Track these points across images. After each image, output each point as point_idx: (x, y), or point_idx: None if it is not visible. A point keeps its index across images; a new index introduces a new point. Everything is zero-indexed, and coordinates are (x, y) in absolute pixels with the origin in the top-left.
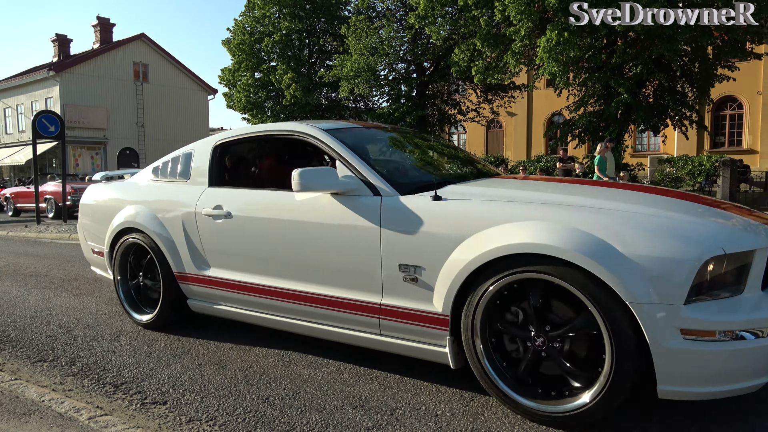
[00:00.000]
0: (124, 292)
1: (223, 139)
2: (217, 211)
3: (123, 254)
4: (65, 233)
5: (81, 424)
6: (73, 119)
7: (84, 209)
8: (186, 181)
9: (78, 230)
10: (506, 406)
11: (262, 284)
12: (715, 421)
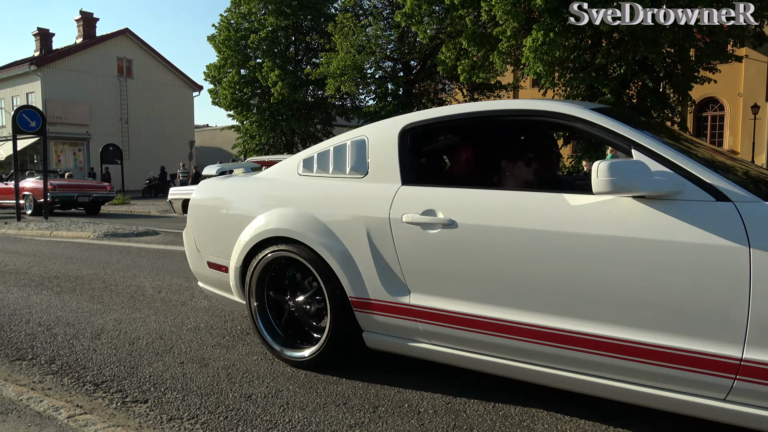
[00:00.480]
0: (265, 321)
1: (414, 122)
2: (429, 218)
3: (264, 271)
4: (46, 230)
5: (60, 423)
6: (55, 115)
7: (198, 212)
8: (361, 176)
9: (184, 237)
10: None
11: (509, 320)
12: None
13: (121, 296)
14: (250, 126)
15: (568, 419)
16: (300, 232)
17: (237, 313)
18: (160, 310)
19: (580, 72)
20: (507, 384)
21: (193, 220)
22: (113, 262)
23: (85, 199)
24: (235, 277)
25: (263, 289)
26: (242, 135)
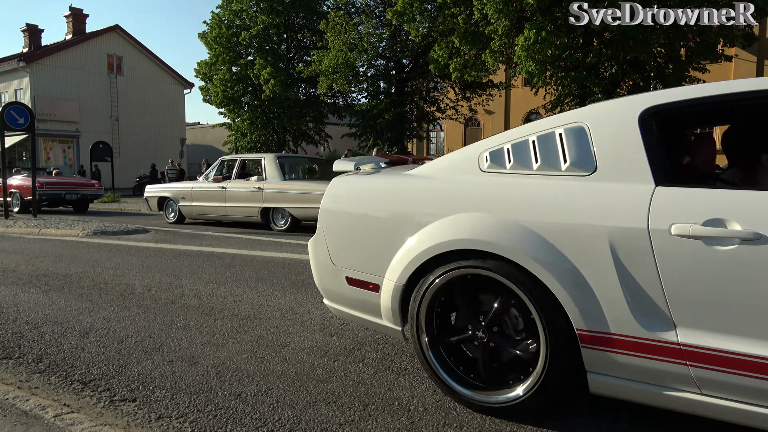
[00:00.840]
0: (437, 356)
1: (660, 104)
2: (717, 230)
3: (437, 294)
4: (34, 228)
5: (46, 422)
6: (44, 112)
7: (334, 216)
8: (587, 174)
9: (311, 246)
10: None
11: None
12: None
13: (110, 294)
14: (241, 123)
15: (556, 415)
16: (503, 245)
17: (227, 310)
18: (150, 309)
19: (572, 71)
20: None
21: (328, 225)
22: (102, 260)
23: (73, 197)
24: (392, 298)
25: (434, 314)
26: (234, 132)
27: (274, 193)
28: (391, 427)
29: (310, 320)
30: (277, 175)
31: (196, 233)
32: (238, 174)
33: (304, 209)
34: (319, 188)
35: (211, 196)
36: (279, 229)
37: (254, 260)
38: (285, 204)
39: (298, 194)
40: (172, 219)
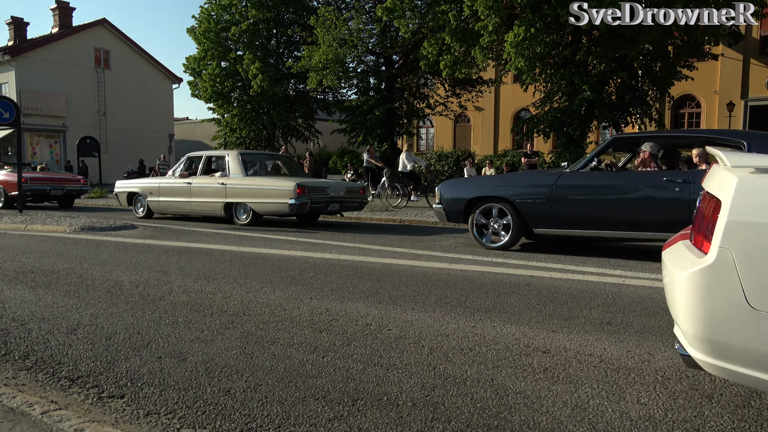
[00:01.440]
0: None
1: None
2: None
3: None
4: (21, 224)
5: (33, 418)
6: (30, 106)
7: (761, 234)
8: None
9: (699, 277)
10: None
11: None
12: None
13: (97, 291)
14: (230, 119)
15: (544, 411)
16: None
17: (216, 307)
18: (138, 305)
19: (561, 68)
20: (485, 378)
21: (744, 247)
22: (90, 256)
23: (58, 193)
24: None
25: None
26: (223, 128)
27: (237, 189)
28: (379, 422)
29: (299, 316)
30: (239, 171)
31: (184, 229)
32: (204, 170)
33: (264, 204)
34: (279, 184)
35: (177, 191)
36: (241, 223)
37: (243, 256)
38: (246, 199)
39: (259, 190)
40: (141, 214)
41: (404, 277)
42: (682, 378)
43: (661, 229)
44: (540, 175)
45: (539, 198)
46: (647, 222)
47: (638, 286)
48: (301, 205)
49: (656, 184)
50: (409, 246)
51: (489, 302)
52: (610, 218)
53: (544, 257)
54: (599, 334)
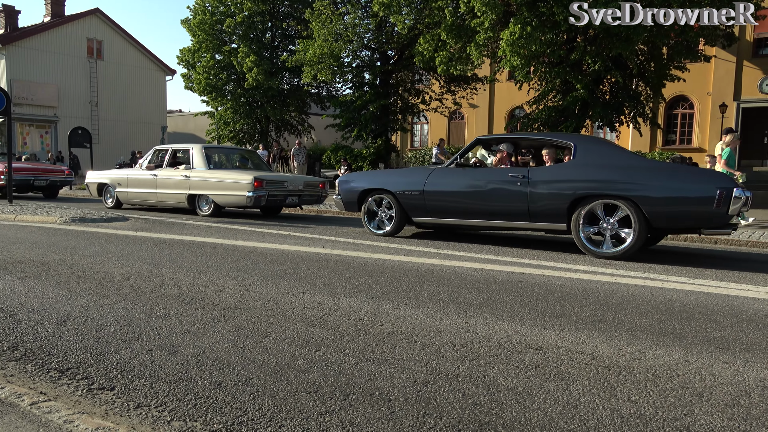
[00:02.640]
0: None
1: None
2: None
3: None
4: (10, 214)
5: (22, 409)
6: (21, 95)
7: None
8: None
9: None
10: None
11: None
12: None
13: (88, 282)
14: (224, 112)
15: (536, 407)
16: None
17: (208, 300)
18: (129, 297)
19: (555, 67)
20: (477, 374)
21: None
22: (80, 247)
23: (42, 183)
24: None
25: None
26: (216, 121)
27: (199, 181)
28: (371, 417)
29: (292, 310)
30: (202, 165)
31: (176, 222)
32: (170, 163)
33: (224, 196)
34: (238, 177)
35: (144, 182)
36: (203, 214)
37: (235, 250)
38: (208, 191)
39: (219, 182)
40: (110, 204)
41: (397, 272)
42: (673, 376)
43: (507, 218)
44: (417, 171)
45: (415, 191)
46: (497, 212)
47: (630, 285)
48: (258, 198)
49: (502, 179)
50: (402, 242)
51: (481, 299)
52: (468, 208)
53: (536, 255)
54: (591, 332)
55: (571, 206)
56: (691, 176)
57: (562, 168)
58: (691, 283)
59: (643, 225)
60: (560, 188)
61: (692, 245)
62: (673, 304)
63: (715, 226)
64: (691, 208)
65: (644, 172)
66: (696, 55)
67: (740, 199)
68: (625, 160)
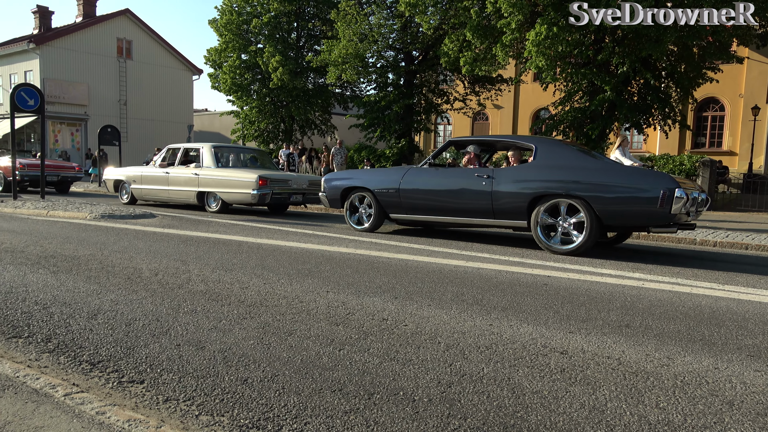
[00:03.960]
0: None
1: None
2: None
3: None
4: (43, 209)
5: (56, 400)
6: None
7: None
8: None
9: None
10: None
11: None
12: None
13: (117, 277)
14: (249, 111)
15: (561, 411)
16: None
17: (234, 297)
18: (157, 293)
19: (582, 68)
20: (501, 376)
21: None
22: (110, 243)
23: (54, 179)
24: None
25: None
26: (241, 120)
27: (208, 179)
28: (396, 417)
29: (316, 309)
30: (211, 163)
31: (202, 219)
32: (181, 161)
33: (231, 194)
34: (243, 176)
35: (157, 180)
36: (212, 211)
37: (261, 248)
38: (216, 189)
39: (226, 180)
40: (125, 200)
41: (420, 273)
42: (702, 383)
43: (474, 216)
44: (394, 171)
45: (391, 189)
46: (464, 209)
47: (657, 290)
48: (263, 196)
49: (469, 178)
50: (425, 243)
51: (506, 301)
52: (439, 206)
53: (561, 258)
54: (617, 337)
55: (531, 205)
56: (638, 177)
57: (523, 169)
58: (720, 289)
59: (594, 223)
60: (521, 188)
61: (722, 251)
62: (702, 310)
63: (659, 225)
64: (638, 207)
65: (597, 173)
66: (729, 56)
67: (681, 199)
68: (581, 162)
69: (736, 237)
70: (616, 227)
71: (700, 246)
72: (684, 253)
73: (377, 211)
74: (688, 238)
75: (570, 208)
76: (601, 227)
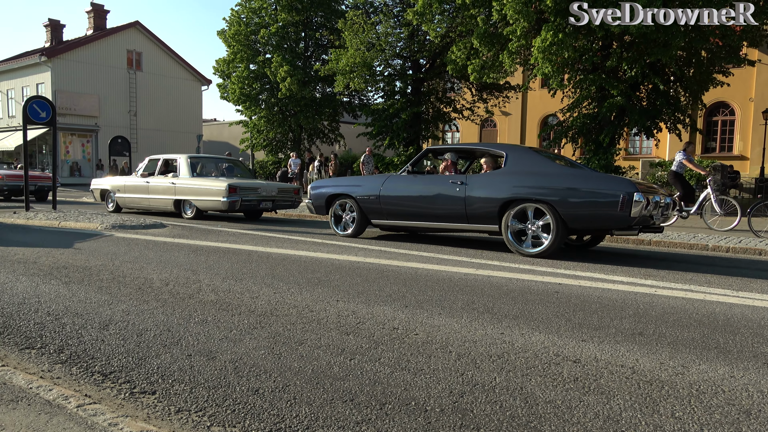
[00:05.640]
0: None
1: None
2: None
3: None
4: (54, 220)
5: (69, 411)
6: (65, 106)
7: None
8: None
9: None
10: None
11: None
12: None
13: (128, 288)
14: (258, 121)
15: (575, 421)
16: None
17: (244, 306)
18: (168, 303)
19: (590, 73)
20: (514, 385)
21: None
22: (120, 253)
23: (31, 188)
24: None
25: None
26: (250, 129)
27: (183, 187)
28: (408, 427)
29: (327, 318)
30: (187, 172)
31: (212, 229)
32: (161, 171)
33: (204, 201)
34: (215, 184)
35: (138, 189)
36: (187, 218)
37: (270, 257)
38: (191, 197)
39: (200, 188)
40: (111, 208)
41: (430, 281)
42: (718, 392)
43: (450, 221)
44: (375, 178)
45: (372, 196)
46: (440, 214)
47: (670, 297)
48: (233, 203)
49: (444, 185)
50: (435, 251)
51: (517, 309)
52: (417, 211)
53: (572, 265)
54: (631, 345)
55: (501, 209)
56: (599, 182)
57: (494, 175)
58: (734, 296)
59: (560, 226)
60: (491, 193)
61: (735, 256)
62: (716, 318)
63: (621, 228)
64: (599, 210)
65: (562, 179)
66: (739, 59)
67: (640, 203)
68: (548, 168)
69: (749, 242)
70: (581, 230)
71: (713, 252)
72: (696, 259)
73: (359, 217)
74: (701, 244)
75: (537, 212)
76: (566, 230)
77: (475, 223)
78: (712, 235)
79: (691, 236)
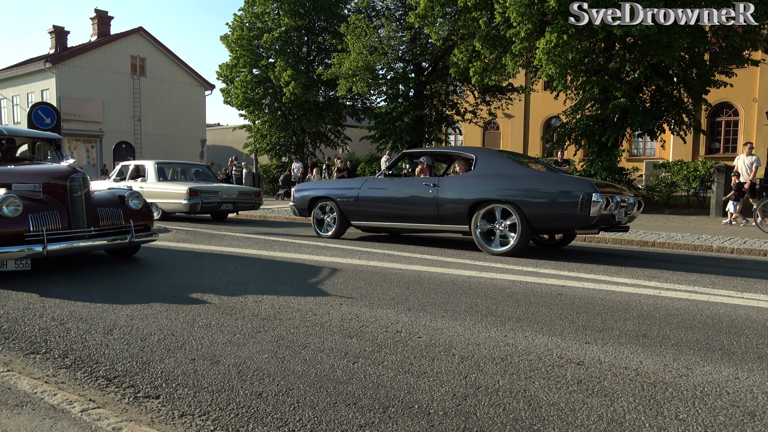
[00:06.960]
0: None
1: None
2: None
3: None
4: None
5: (73, 416)
6: (69, 112)
7: None
8: None
9: None
10: None
11: None
12: None
13: (132, 292)
14: (261, 125)
15: (579, 424)
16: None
17: (248, 310)
18: (172, 307)
19: (593, 75)
20: (517, 388)
21: None
22: (125, 258)
23: None
24: None
25: None
26: (253, 134)
27: (150, 191)
28: (411, 430)
29: (330, 322)
30: (154, 177)
31: (216, 233)
32: (132, 175)
33: (168, 204)
34: (177, 188)
35: None
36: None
37: (274, 261)
38: (156, 200)
39: (164, 192)
40: None
41: (434, 284)
42: (722, 394)
43: (423, 221)
44: (354, 181)
45: (351, 198)
46: (414, 215)
47: (674, 299)
48: (194, 205)
49: (417, 187)
50: (438, 254)
51: (520, 312)
52: (393, 213)
53: (576, 267)
54: (635, 347)
55: (471, 210)
56: (561, 183)
57: (464, 177)
58: (739, 297)
59: (525, 226)
60: (461, 194)
61: (740, 257)
62: (720, 319)
63: (582, 227)
64: (560, 210)
65: (527, 180)
66: (742, 60)
67: (599, 203)
68: (514, 170)
69: (753, 243)
70: (545, 229)
71: (717, 253)
72: (701, 260)
73: (340, 219)
74: (705, 245)
75: (504, 212)
76: (531, 229)
77: (447, 224)
78: (716, 236)
79: (695, 237)
